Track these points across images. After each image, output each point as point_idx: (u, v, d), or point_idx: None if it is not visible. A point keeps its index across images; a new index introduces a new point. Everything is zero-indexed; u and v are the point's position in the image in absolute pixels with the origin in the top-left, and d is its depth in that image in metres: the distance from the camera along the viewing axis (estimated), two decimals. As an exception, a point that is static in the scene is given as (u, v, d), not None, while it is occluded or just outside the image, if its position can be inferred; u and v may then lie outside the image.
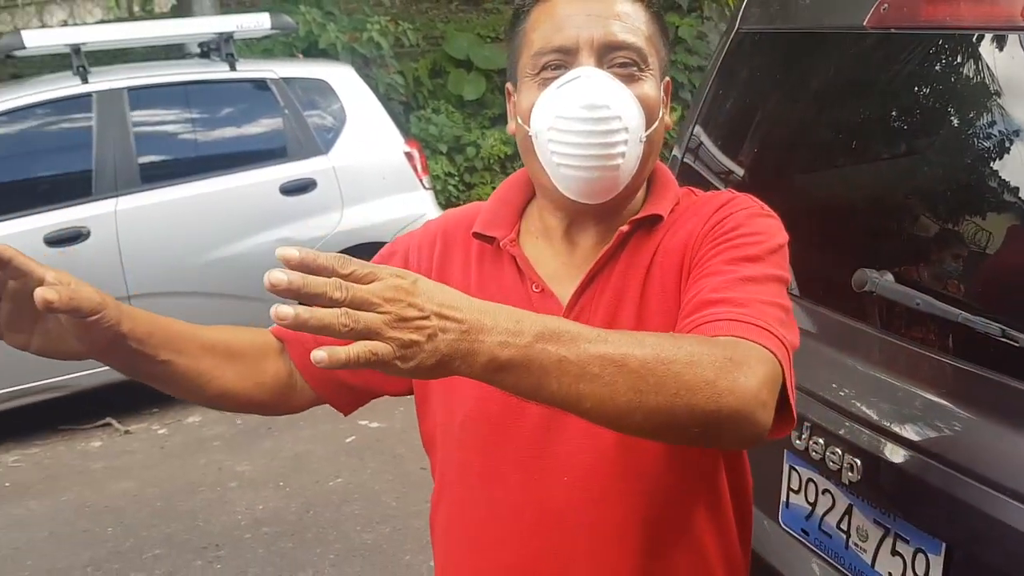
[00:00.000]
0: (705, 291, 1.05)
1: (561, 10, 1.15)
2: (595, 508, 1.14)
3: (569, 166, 1.12)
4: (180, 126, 5.10)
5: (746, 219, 1.14)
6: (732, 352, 0.93)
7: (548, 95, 1.13)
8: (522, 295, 1.19)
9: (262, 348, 1.26)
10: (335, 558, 3.45)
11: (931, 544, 1.43)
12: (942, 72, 1.60)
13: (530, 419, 1.15)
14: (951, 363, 1.41)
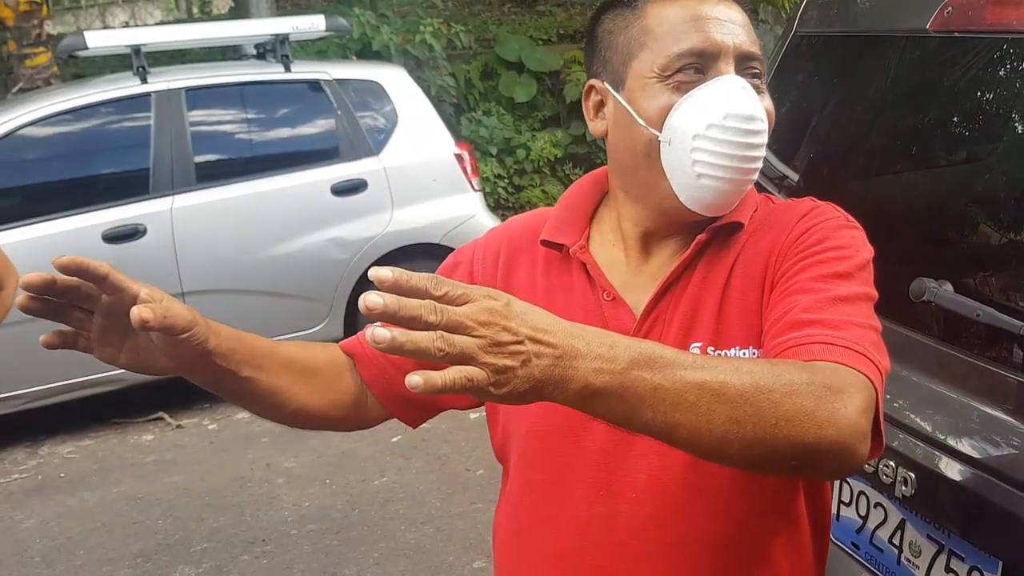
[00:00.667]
0: (796, 310, 1.01)
1: (692, 9, 1.09)
2: (663, 527, 1.10)
3: (712, 176, 1.07)
4: (235, 126, 5.18)
5: (832, 231, 1.10)
6: (830, 379, 0.90)
7: (698, 101, 1.07)
8: (592, 303, 1.16)
9: (336, 365, 1.24)
10: (379, 557, 3.46)
11: (987, 562, 1.39)
12: (1007, 76, 1.55)
13: (599, 434, 1.12)
14: (1012, 376, 1.37)
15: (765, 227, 1.13)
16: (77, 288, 0.97)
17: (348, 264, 5.02)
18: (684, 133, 1.07)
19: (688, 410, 0.84)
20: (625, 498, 1.11)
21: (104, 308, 0.99)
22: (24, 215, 4.54)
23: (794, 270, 1.06)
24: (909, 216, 1.75)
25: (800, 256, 1.07)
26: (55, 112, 4.70)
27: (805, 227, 1.10)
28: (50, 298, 0.98)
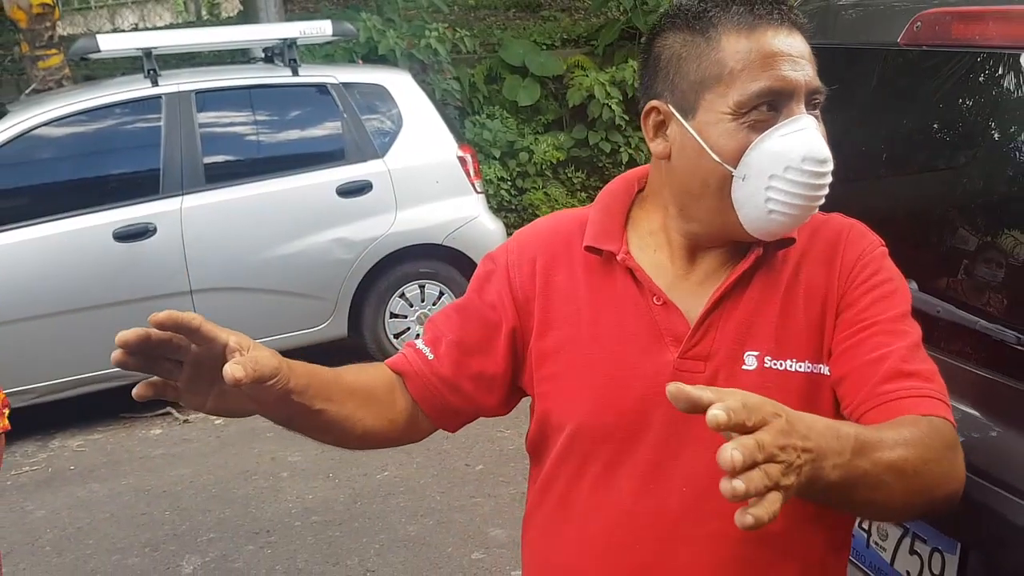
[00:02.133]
0: (894, 359, 1.11)
1: (768, 47, 1.10)
2: (706, 520, 1.15)
3: (783, 212, 1.12)
4: (244, 128, 5.29)
5: (883, 261, 1.21)
6: (948, 439, 1.06)
7: (776, 143, 1.10)
8: (641, 306, 1.20)
9: (389, 385, 1.28)
10: (380, 547, 3.56)
11: (947, 544, 1.48)
12: (971, 89, 1.65)
13: (653, 433, 1.17)
14: (970, 369, 1.47)
15: (818, 248, 1.21)
16: (169, 341, 1.00)
17: (353, 264, 5.12)
18: (760, 172, 1.10)
19: (880, 489, 0.97)
20: (674, 491, 1.17)
21: (194, 358, 1.03)
22: (38, 213, 4.66)
23: (864, 303, 1.17)
24: (884, 219, 1.83)
25: (866, 288, 1.17)
26: (68, 113, 4.82)
27: (866, 261, 1.19)
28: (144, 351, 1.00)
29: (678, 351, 1.18)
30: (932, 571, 1.51)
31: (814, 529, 1.20)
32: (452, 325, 1.30)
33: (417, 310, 5.34)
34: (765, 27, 1.11)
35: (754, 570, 1.18)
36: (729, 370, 1.16)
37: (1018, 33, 1.50)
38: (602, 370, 1.20)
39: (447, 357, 1.28)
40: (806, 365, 1.17)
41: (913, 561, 1.55)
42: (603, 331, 1.22)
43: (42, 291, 4.54)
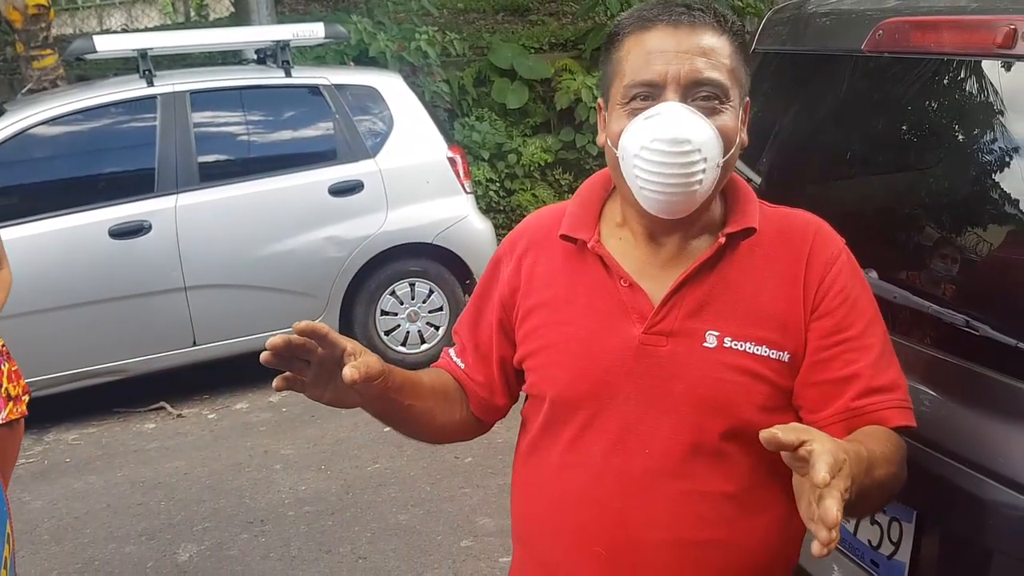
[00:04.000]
0: (866, 377, 1.30)
1: (652, 44, 1.26)
2: (669, 479, 1.30)
3: (651, 190, 1.25)
4: (237, 128, 5.38)
5: (851, 266, 1.35)
6: (905, 454, 1.30)
7: (636, 126, 1.25)
8: (610, 289, 1.34)
9: (457, 388, 1.52)
10: (372, 536, 3.66)
11: (904, 513, 1.60)
12: (928, 93, 1.77)
13: (621, 400, 1.32)
14: (922, 350, 1.59)
15: (780, 236, 1.35)
16: (303, 345, 1.23)
17: (344, 262, 5.22)
18: (628, 152, 1.27)
19: (868, 499, 1.20)
20: (638, 453, 1.31)
21: (319, 359, 1.26)
22: (35, 211, 4.74)
23: (839, 316, 1.31)
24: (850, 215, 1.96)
25: (840, 299, 1.31)
26: (65, 113, 4.90)
27: (829, 259, 1.33)
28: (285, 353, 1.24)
29: (643, 327, 1.31)
30: (891, 539, 1.62)
31: (777, 486, 1.32)
32: (469, 330, 1.52)
33: (407, 308, 5.44)
34: (656, 27, 1.27)
35: (716, 527, 1.31)
36: (689, 346, 1.30)
37: (970, 40, 1.62)
38: (576, 346, 1.35)
39: (474, 364, 1.50)
40: (764, 349, 1.30)
41: (874, 531, 1.66)
42: (577, 311, 1.36)
43: (38, 287, 4.60)
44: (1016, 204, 1.54)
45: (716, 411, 1.29)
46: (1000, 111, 1.60)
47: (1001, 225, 1.60)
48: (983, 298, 1.54)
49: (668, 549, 1.31)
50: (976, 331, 1.47)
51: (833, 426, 1.30)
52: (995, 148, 1.62)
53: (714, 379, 1.29)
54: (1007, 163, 1.58)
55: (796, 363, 1.32)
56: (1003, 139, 1.60)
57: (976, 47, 1.61)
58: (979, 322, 1.48)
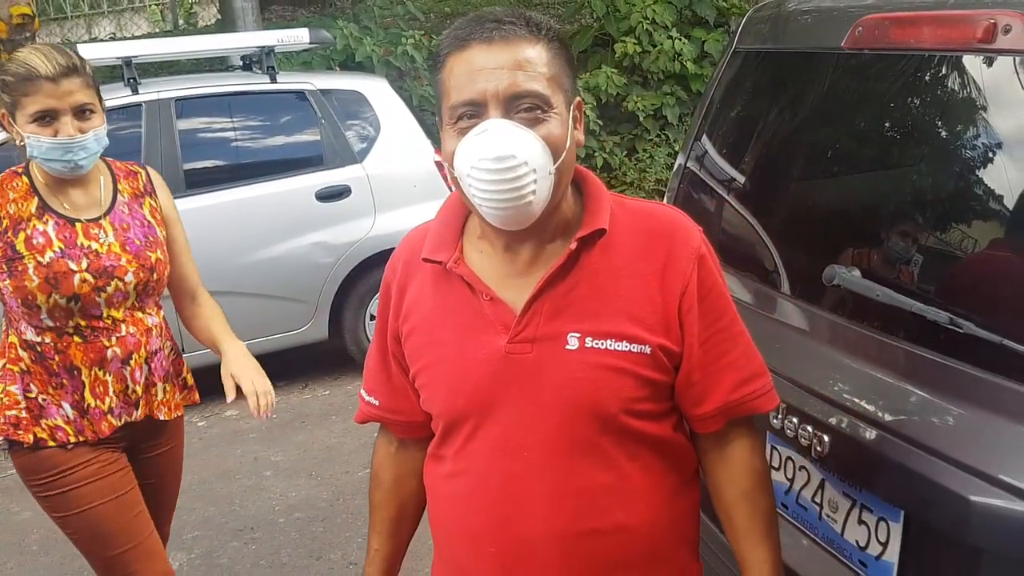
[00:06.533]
0: (739, 365, 1.41)
1: (470, 63, 1.28)
2: (547, 477, 1.37)
3: (487, 205, 1.28)
4: (223, 134, 5.35)
5: (712, 262, 1.40)
6: (758, 472, 1.47)
7: (464, 146, 1.28)
8: (474, 305, 1.38)
9: (396, 474, 1.62)
10: (362, 542, 3.61)
11: (892, 512, 1.59)
12: (909, 89, 1.77)
13: (500, 409, 1.37)
14: (906, 348, 1.58)
15: (637, 233, 1.38)
16: None
17: (332, 267, 5.20)
18: (461, 171, 1.29)
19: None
20: (519, 456, 1.37)
21: None
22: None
23: (708, 304, 1.38)
24: (833, 214, 1.96)
25: (703, 294, 1.37)
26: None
27: (691, 255, 1.37)
28: None
29: (507, 337, 1.36)
30: (879, 539, 1.62)
31: (655, 470, 1.41)
32: (377, 360, 1.56)
33: (396, 312, 5.42)
34: (471, 46, 1.29)
35: (598, 518, 1.38)
36: (553, 349, 1.35)
37: (951, 36, 1.62)
38: (450, 365, 1.41)
39: (386, 393, 1.55)
40: (624, 344, 1.35)
41: (861, 531, 1.66)
42: (447, 330, 1.41)
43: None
44: (999, 200, 1.54)
45: (586, 409, 1.35)
46: (982, 106, 1.60)
47: (984, 221, 1.59)
48: (967, 295, 1.54)
49: (555, 543, 1.38)
50: (960, 328, 1.47)
51: (713, 419, 1.43)
52: (977, 144, 1.61)
53: (580, 379, 1.34)
54: (989, 159, 1.58)
55: (660, 356, 1.36)
56: (985, 135, 1.59)
57: (956, 42, 1.60)
58: (963, 319, 1.47)
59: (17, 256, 2.11)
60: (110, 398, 2.22)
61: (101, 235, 2.18)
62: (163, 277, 2.28)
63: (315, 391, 5.27)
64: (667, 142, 8.41)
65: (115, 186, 2.27)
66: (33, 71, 2.03)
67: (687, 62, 8.30)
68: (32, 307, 2.12)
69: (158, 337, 2.30)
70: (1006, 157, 1.53)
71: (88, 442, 2.21)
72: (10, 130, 2.11)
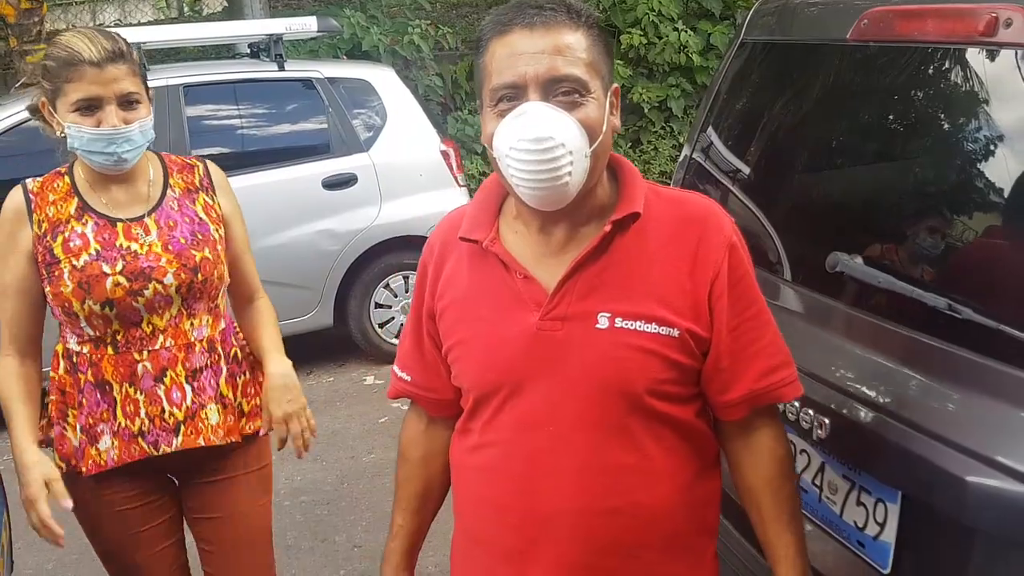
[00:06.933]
0: (765, 355, 1.44)
1: (512, 47, 1.32)
2: (574, 453, 1.40)
3: (523, 186, 1.33)
4: (231, 121, 5.39)
5: (743, 252, 1.43)
6: (781, 459, 1.51)
7: (503, 127, 1.32)
8: (508, 283, 1.42)
9: (427, 448, 1.64)
10: (367, 524, 3.69)
11: (890, 494, 1.63)
12: (913, 81, 1.80)
13: (528, 383, 1.41)
14: (906, 333, 1.61)
15: (670, 220, 1.41)
16: None
17: (338, 255, 5.24)
18: (500, 152, 1.33)
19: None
20: (543, 431, 1.41)
21: None
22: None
23: (739, 292, 1.41)
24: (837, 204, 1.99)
25: (733, 281, 1.40)
26: (58, 107, 4.89)
27: (722, 245, 1.40)
28: None
29: (539, 315, 1.40)
30: (877, 520, 1.65)
31: (678, 455, 1.44)
32: (411, 336, 1.60)
33: (401, 300, 5.46)
34: (513, 31, 1.33)
35: (618, 496, 1.41)
36: (583, 328, 1.39)
37: (954, 29, 1.65)
38: (482, 340, 1.45)
39: (419, 369, 1.58)
40: (653, 327, 1.38)
41: (860, 512, 1.69)
42: (481, 307, 1.46)
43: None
44: (999, 191, 1.57)
45: (612, 388, 1.38)
46: (985, 100, 1.63)
47: (985, 212, 1.63)
48: (966, 282, 1.57)
49: (573, 518, 1.41)
50: (959, 314, 1.50)
51: (739, 406, 1.46)
52: (978, 136, 1.64)
53: (608, 358, 1.38)
54: (991, 151, 1.61)
55: (688, 340, 1.39)
56: (987, 127, 1.62)
57: (959, 35, 1.63)
58: (962, 305, 1.50)
59: (55, 261, 1.95)
60: (140, 420, 1.99)
61: (142, 235, 1.99)
62: (212, 279, 2.04)
63: (320, 377, 5.31)
64: (671, 134, 8.44)
65: (166, 181, 2.09)
66: (76, 55, 1.86)
67: (693, 54, 8.32)
68: (71, 315, 1.96)
69: (207, 352, 2.05)
70: (1006, 149, 1.56)
71: (101, 473, 2.01)
72: (50, 120, 1.96)
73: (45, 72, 1.92)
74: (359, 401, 4.81)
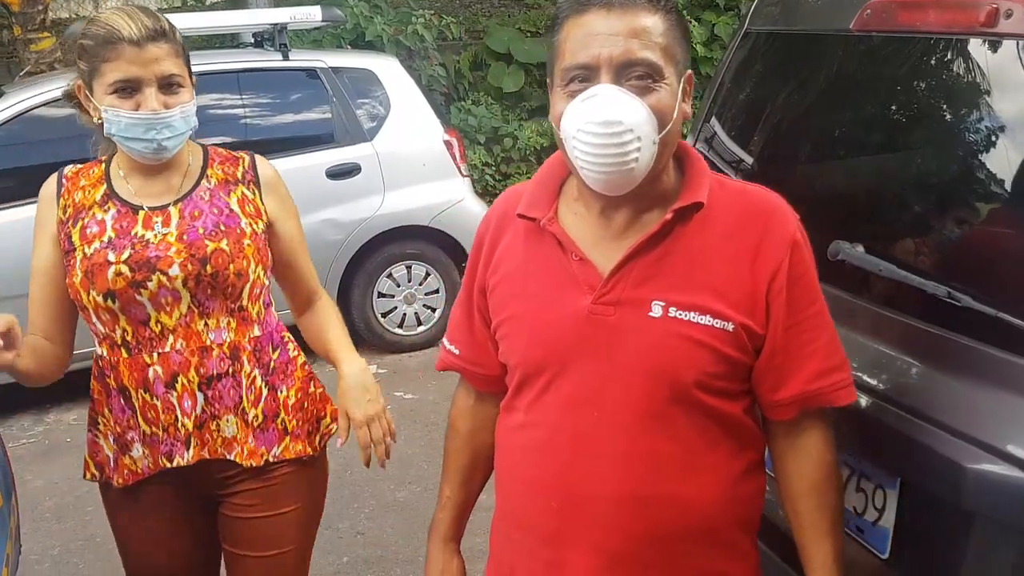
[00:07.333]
0: (820, 356, 1.41)
1: (587, 28, 1.31)
2: (617, 440, 1.39)
3: (590, 168, 1.32)
4: (235, 111, 5.39)
5: (806, 251, 1.42)
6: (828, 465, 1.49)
7: (572, 108, 1.31)
8: (563, 264, 1.42)
9: (482, 431, 1.64)
10: (370, 512, 3.72)
11: (888, 480, 1.64)
12: (915, 72, 1.81)
13: (575, 365, 1.41)
14: (906, 321, 1.63)
15: (732, 211, 1.39)
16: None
17: (341, 244, 5.25)
18: (568, 133, 1.33)
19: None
20: (588, 414, 1.40)
21: None
22: (31, 194, 4.70)
23: (799, 290, 1.39)
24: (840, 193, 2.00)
25: (795, 278, 1.39)
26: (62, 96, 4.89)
27: (786, 241, 1.39)
28: None
29: (592, 298, 1.39)
30: (876, 506, 1.67)
31: (724, 449, 1.43)
32: (462, 309, 1.60)
33: (404, 290, 5.48)
34: (591, 11, 1.31)
35: (658, 484, 1.40)
36: (636, 315, 1.38)
37: (955, 19, 1.66)
38: (533, 317, 1.44)
39: (467, 344, 1.59)
40: (707, 319, 1.36)
41: (859, 498, 1.71)
42: (534, 285, 1.45)
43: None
44: (1000, 181, 1.58)
45: (661, 376, 1.37)
46: (986, 91, 1.64)
47: (986, 201, 1.64)
48: (965, 271, 1.58)
49: (616, 504, 1.40)
50: (958, 302, 1.51)
51: (788, 407, 1.44)
52: (981, 127, 1.65)
53: (659, 346, 1.36)
54: (992, 141, 1.62)
55: (743, 335, 1.37)
56: (989, 118, 1.63)
57: (961, 26, 1.64)
58: (961, 293, 1.52)
59: (72, 248, 1.84)
60: (158, 429, 1.85)
61: (159, 224, 1.83)
62: (225, 273, 1.82)
63: (324, 366, 5.28)
64: (675, 125, 8.43)
65: (203, 172, 1.92)
66: (115, 32, 1.72)
67: (697, 45, 8.31)
68: (83, 309, 1.84)
69: (227, 359, 1.86)
70: (1006, 139, 1.57)
71: (132, 484, 1.89)
72: (87, 105, 1.84)
73: (82, 51, 1.78)
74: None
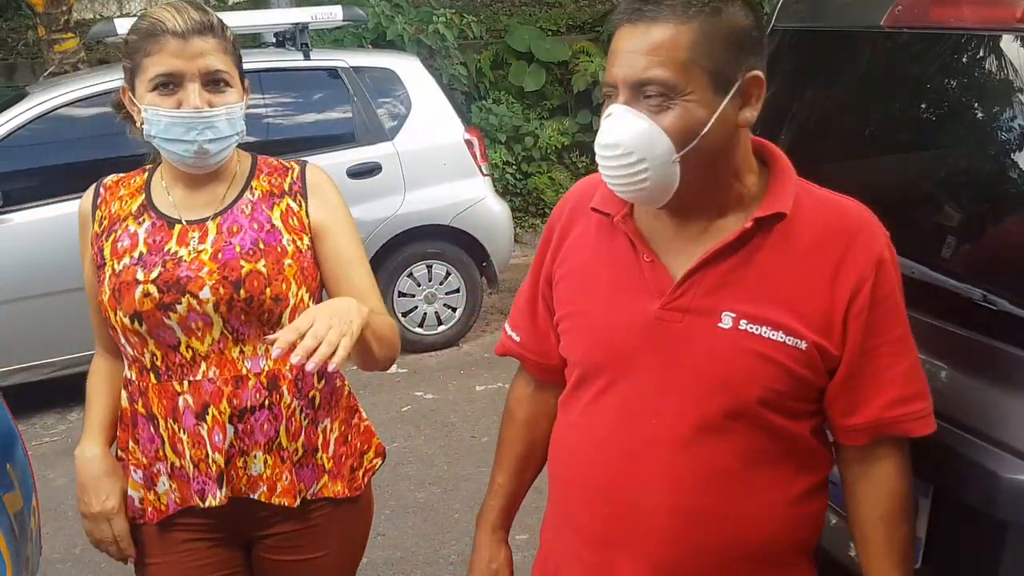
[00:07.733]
0: (899, 383, 1.33)
1: (616, 43, 1.28)
2: (674, 450, 1.34)
3: (613, 187, 1.31)
4: (256, 110, 5.38)
5: (895, 263, 1.33)
6: (901, 495, 1.40)
7: (600, 126, 1.32)
8: (633, 263, 1.37)
9: (540, 420, 1.60)
10: (390, 513, 3.70)
11: (920, 488, 1.60)
12: (948, 69, 1.77)
13: (637, 370, 1.36)
14: (938, 324, 1.59)
15: (817, 225, 1.31)
16: None
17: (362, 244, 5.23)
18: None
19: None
20: (646, 421, 1.36)
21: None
22: (58, 192, 4.76)
23: (882, 312, 1.31)
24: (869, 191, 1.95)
25: (884, 295, 1.30)
26: (87, 95, 4.92)
27: (873, 259, 1.30)
28: None
29: (660, 303, 1.34)
30: (907, 514, 1.63)
31: (786, 468, 1.36)
32: (526, 297, 1.57)
33: (424, 289, 5.47)
34: (621, 27, 1.28)
35: (713, 498, 1.34)
36: (704, 324, 1.32)
37: (990, 15, 1.62)
38: (597, 315, 1.40)
39: (529, 330, 1.56)
40: (780, 335, 1.29)
41: (890, 506, 1.67)
42: (602, 282, 1.40)
43: (61, 268, 4.59)
44: (1036, 180, 1.55)
45: (723, 390, 1.31)
46: (1020, 88, 1.60)
47: (1021, 201, 1.60)
48: (1002, 273, 1.54)
49: (665, 515, 1.35)
50: (994, 306, 1.48)
51: (861, 433, 1.36)
52: (1015, 125, 1.61)
53: (725, 359, 1.30)
54: None
55: (815, 355, 1.30)
56: (1022, 115, 1.59)
57: (996, 22, 1.60)
58: (997, 297, 1.48)
59: (103, 263, 1.67)
60: (186, 463, 1.65)
61: (195, 239, 1.65)
62: (261, 299, 1.61)
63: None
64: (697, 124, 8.38)
65: (248, 183, 1.74)
66: (159, 24, 1.58)
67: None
68: (112, 328, 1.67)
69: (264, 390, 1.63)
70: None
71: (157, 521, 1.70)
72: (131, 109, 1.67)
73: (126, 48, 1.64)
74: (383, 390, 4.82)
